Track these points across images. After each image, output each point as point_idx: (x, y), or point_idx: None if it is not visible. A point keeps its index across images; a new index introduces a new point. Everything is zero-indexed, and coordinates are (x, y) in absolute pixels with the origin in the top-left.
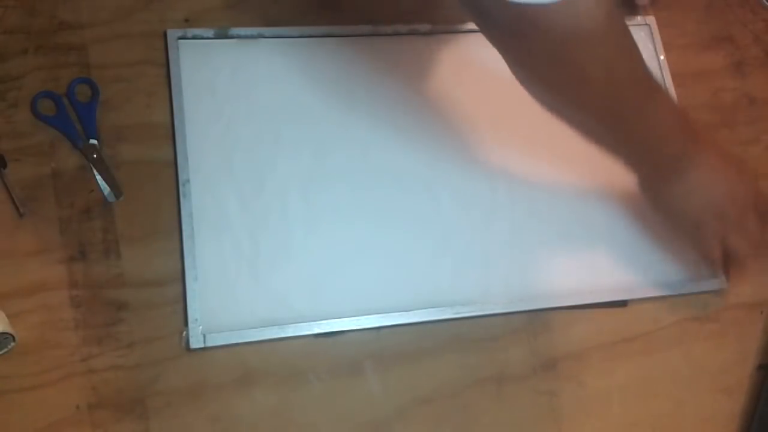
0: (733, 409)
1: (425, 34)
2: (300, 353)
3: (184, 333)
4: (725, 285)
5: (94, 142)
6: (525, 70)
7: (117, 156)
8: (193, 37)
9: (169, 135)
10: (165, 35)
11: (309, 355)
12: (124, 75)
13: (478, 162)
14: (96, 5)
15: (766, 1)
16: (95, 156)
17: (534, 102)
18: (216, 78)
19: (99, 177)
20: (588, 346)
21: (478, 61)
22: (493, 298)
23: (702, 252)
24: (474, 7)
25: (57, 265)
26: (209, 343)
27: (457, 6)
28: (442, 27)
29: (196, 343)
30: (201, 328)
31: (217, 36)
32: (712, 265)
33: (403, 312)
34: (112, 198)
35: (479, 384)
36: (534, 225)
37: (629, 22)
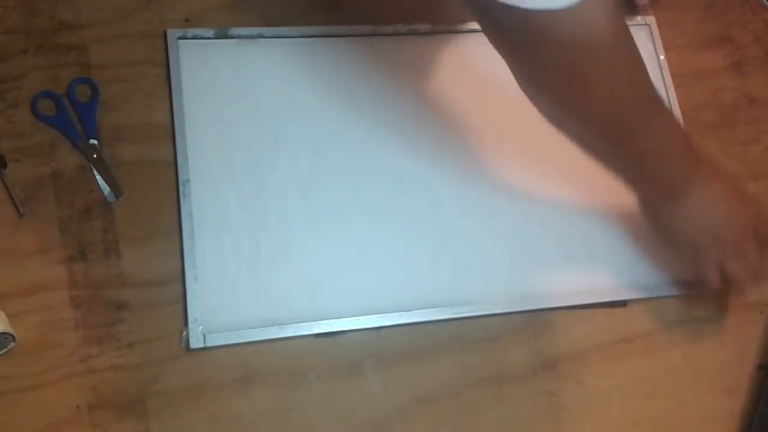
0: (733, 409)
1: (425, 34)
2: (300, 353)
3: (184, 333)
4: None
5: (94, 142)
6: (529, 79)
7: (117, 156)
8: (193, 37)
9: (169, 135)
10: (165, 35)
11: (309, 355)
12: (124, 75)
13: (478, 162)
14: (96, 5)
15: (766, 1)
16: (95, 156)
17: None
18: (216, 78)
19: (99, 177)
20: (588, 346)
21: (478, 62)
22: (493, 298)
23: (700, 276)
24: (480, 13)
25: (57, 265)
26: (209, 343)
27: (457, 6)
28: (442, 27)
29: (196, 343)
30: (201, 328)
31: (217, 36)
32: (709, 290)
33: (403, 312)
34: (112, 198)
35: (479, 384)
36: (534, 225)
37: (629, 22)
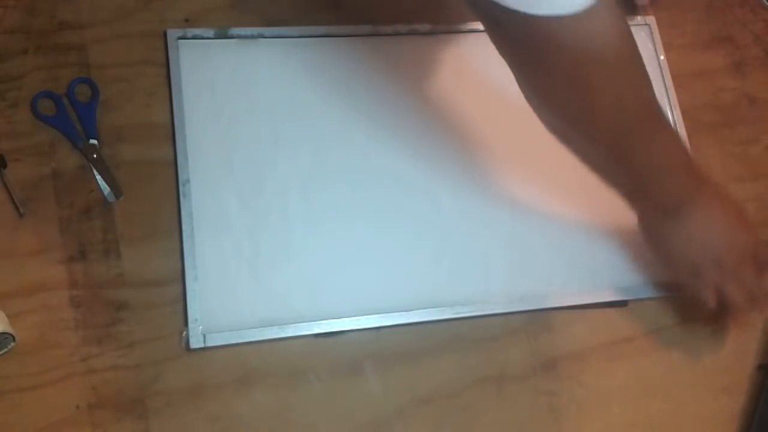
0: (733, 409)
1: (425, 34)
2: (300, 353)
3: (184, 333)
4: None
5: (94, 142)
6: (534, 87)
7: (117, 156)
8: (193, 37)
9: (169, 135)
10: (165, 35)
11: (309, 355)
12: (124, 75)
13: (478, 161)
14: (96, 5)
15: (766, 1)
16: (95, 156)
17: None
18: (216, 78)
19: (99, 177)
20: (588, 346)
21: (478, 62)
22: (493, 298)
23: (697, 298)
24: (487, 18)
25: (57, 265)
26: (209, 343)
27: (458, 6)
28: (442, 27)
29: (196, 343)
30: (201, 328)
31: (217, 36)
32: (704, 312)
33: (403, 312)
34: (112, 198)
35: (479, 384)
36: (534, 225)
37: (629, 22)
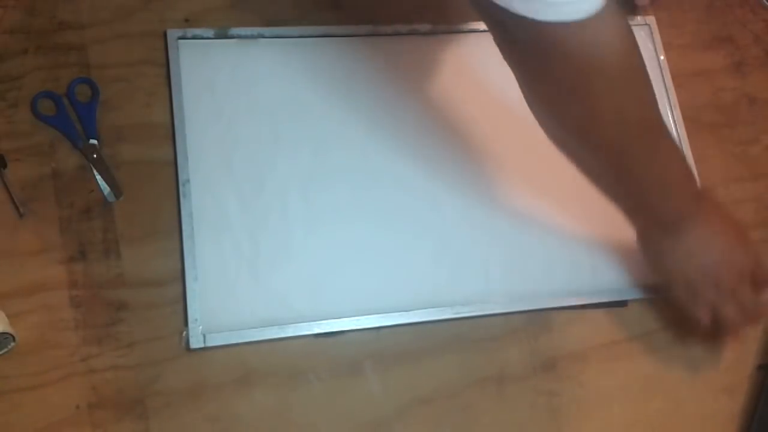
0: (733, 409)
1: (425, 34)
2: (300, 353)
3: (184, 333)
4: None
5: (94, 142)
6: (537, 94)
7: (117, 156)
8: (193, 37)
9: (169, 135)
10: (165, 35)
11: (309, 355)
12: (124, 75)
13: (478, 161)
14: (96, 5)
15: (766, 1)
16: (95, 156)
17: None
18: (216, 78)
19: (99, 177)
20: (588, 346)
21: (478, 62)
22: (493, 298)
23: (691, 315)
24: (493, 23)
25: (57, 265)
26: (209, 343)
27: (458, 6)
28: (442, 27)
29: (196, 343)
30: (201, 328)
31: (217, 36)
32: (698, 330)
33: (403, 312)
34: (112, 198)
35: (479, 384)
36: (534, 225)
37: (629, 22)
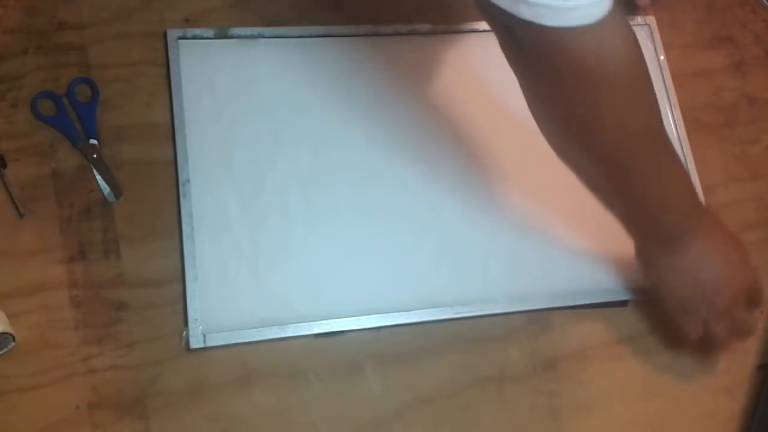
0: (733, 409)
1: (425, 34)
2: (300, 353)
3: (184, 333)
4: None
5: (94, 142)
6: (541, 101)
7: (117, 156)
8: (193, 37)
9: (169, 135)
10: (165, 35)
11: (309, 355)
12: (124, 75)
13: (477, 161)
14: (96, 5)
15: (766, 1)
16: (95, 156)
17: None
18: (216, 78)
19: (99, 177)
20: (588, 346)
21: (478, 62)
22: (493, 298)
23: (681, 329)
24: (499, 27)
25: (57, 265)
26: (209, 343)
27: (458, 6)
28: (442, 27)
29: (196, 343)
30: (201, 328)
31: (217, 36)
32: (685, 343)
33: (403, 312)
34: (112, 198)
35: (479, 384)
36: (534, 225)
37: (629, 22)
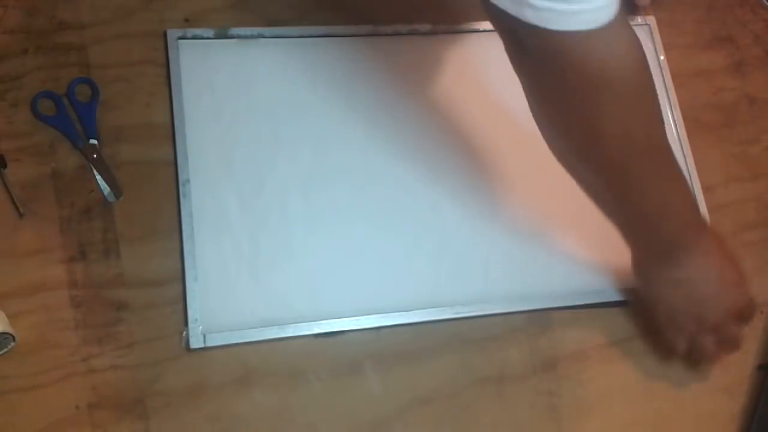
0: (733, 409)
1: (425, 34)
2: (300, 353)
3: (184, 333)
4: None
5: (94, 142)
6: (545, 106)
7: (117, 156)
8: (193, 37)
9: (169, 135)
10: (165, 35)
11: (309, 355)
12: (124, 75)
13: (478, 161)
14: (96, 5)
15: (766, 1)
16: (95, 156)
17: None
18: (216, 78)
19: (99, 177)
20: (588, 346)
21: (478, 62)
22: (493, 298)
23: (667, 341)
24: (505, 31)
25: (57, 265)
26: (209, 343)
27: (458, 6)
28: (442, 27)
29: (196, 343)
30: (201, 328)
31: (217, 36)
32: (673, 355)
33: (403, 312)
34: (112, 198)
35: (479, 384)
36: (534, 225)
37: (630, 22)
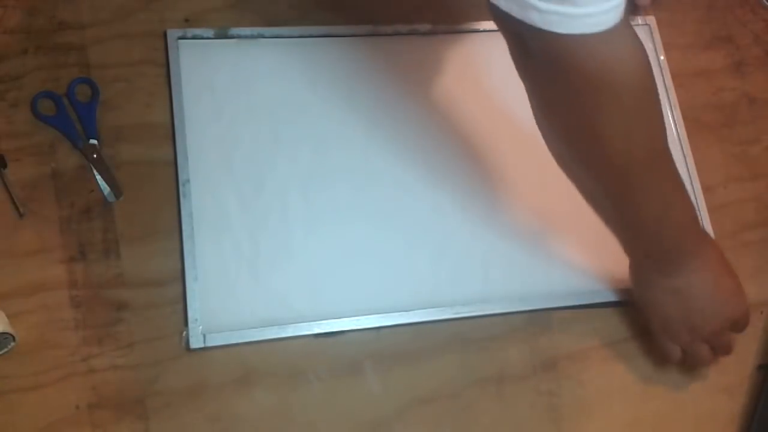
0: (733, 409)
1: (425, 34)
2: (300, 353)
3: (184, 333)
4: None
5: (94, 142)
6: (548, 110)
7: (117, 156)
8: (193, 37)
9: (169, 135)
10: (165, 35)
11: (309, 355)
12: (124, 75)
13: (478, 161)
14: (96, 5)
15: (766, 1)
16: (95, 156)
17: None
18: (216, 78)
19: (99, 177)
20: (588, 346)
21: (478, 62)
22: (493, 298)
23: (660, 348)
24: (510, 33)
25: (57, 265)
26: (209, 343)
27: (458, 6)
28: (442, 27)
29: (196, 343)
30: (201, 328)
31: (217, 36)
32: (666, 361)
33: (403, 312)
34: (112, 198)
35: (479, 384)
36: (534, 225)
37: (630, 22)
